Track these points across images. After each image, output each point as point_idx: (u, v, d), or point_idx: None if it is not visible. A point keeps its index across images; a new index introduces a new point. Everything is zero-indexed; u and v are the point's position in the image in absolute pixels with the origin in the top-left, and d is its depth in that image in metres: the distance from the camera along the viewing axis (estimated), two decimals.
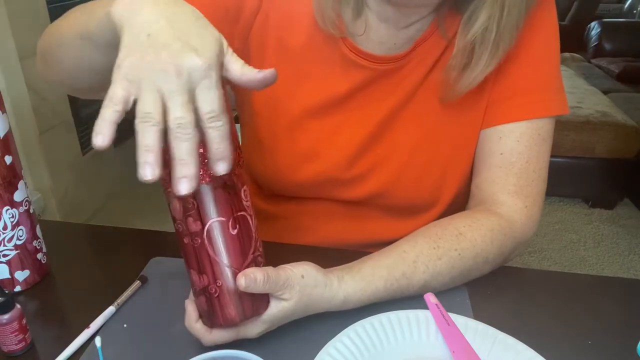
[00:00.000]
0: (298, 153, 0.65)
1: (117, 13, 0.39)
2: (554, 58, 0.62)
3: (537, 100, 0.60)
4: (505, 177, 0.60)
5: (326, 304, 0.49)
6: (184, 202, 0.41)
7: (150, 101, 0.35)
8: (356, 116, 0.63)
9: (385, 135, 0.64)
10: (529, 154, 0.60)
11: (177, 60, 0.35)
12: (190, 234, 0.42)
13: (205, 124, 0.36)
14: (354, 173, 0.65)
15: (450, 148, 0.64)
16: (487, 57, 0.55)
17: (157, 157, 0.34)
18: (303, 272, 0.47)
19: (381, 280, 0.51)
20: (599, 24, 3.65)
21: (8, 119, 0.54)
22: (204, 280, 0.43)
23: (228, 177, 0.41)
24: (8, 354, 0.49)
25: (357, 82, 0.62)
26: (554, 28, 0.62)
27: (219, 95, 0.37)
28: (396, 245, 0.55)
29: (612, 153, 2.24)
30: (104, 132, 0.34)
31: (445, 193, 0.66)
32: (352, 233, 0.70)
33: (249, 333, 0.47)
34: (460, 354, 0.46)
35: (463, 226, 0.56)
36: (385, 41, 0.61)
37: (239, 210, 0.43)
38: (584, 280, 0.62)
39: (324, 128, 0.64)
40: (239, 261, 0.43)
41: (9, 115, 0.56)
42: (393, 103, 0.62)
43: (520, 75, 0.60)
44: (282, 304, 0.46)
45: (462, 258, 0.54)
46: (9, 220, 0.55)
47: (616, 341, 0.51)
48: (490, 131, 0.62)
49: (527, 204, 0.60)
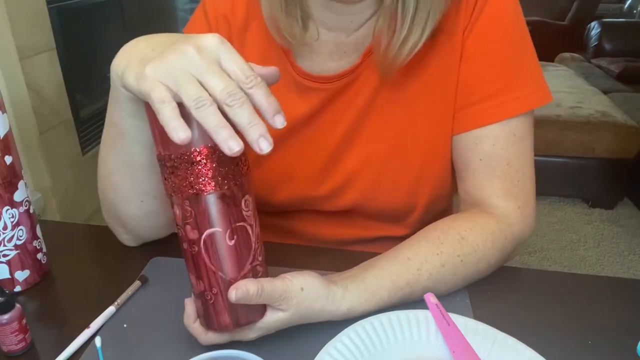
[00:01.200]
0: (271, 178, 0.67)
1: (115, 71, 0.42)
2: (519, 52, 0.59)
3: (505, 101, 0.58)
4: (489, 181, 0.59)
5: (328, 315, 0.48)
6: (182, 209, 0.41)
7: (192, 87, 0.36)
8: (319, 134, 0.65)
9: (352, 148, 0.64)
10: (508, 156, 0.59)
11: (190, 41, 0.37)
12: (188, 241, 0.42)
13: (245, 88, 0.37)
14: (328, 188, 0.67)
15: (421, 155, 0.63)
16: (418, 23, 0.54)
17: (231, 129, 0.35)
18: (303, 285, 0.46)
19: (385, 290, 0.51)
20: (599, 24, 3.65)
21: (8, 119, 0.54)
22: (200, 286, 0.43)
23: (227, 188, 0.41)
24: (8, 354, 0.49)
25: (314, 104, 0.63)
26: (513, 20, 0.59)
27: (242, 59, 0.38)
28: (399, 250, 0.54)
29: (612, 153, 2.24)
30: (182, 127, 0.35)
31: (422, 199, 0.66)
32: (340, 235, 0.71)
33: (245, 337, 0.47)
34: (460, 354, 0.46)
35: (464, 230, 0.56)
36: (335, 51, 0.62)
37: (238, 220, 0.42)
38: (584, 280, 0.62)
39: (291, 151, 0.66)
40: (235, 271, 0.43)
41: (9, 115, 0.56)
42: (352, 116, 0.63)
43: (483, 78, 0.59)
44: (278, 314, 0.46)
45: (464, 264, 0.54)
46: (9, 220, 0.55)
47: (616, 341, 0.51)
48: (464, 137, 0.61)
49: (519, 205, 0.59)
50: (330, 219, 0.70)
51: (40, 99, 1.62)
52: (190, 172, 0.40)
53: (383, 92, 0.62)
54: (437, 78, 0.61)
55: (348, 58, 0.61)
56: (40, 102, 1.62)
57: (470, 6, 0.58)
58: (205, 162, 0.39)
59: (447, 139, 0.63)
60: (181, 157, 0.39)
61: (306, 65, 0.63)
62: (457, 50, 0.59)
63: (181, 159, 0.40)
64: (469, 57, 0.59)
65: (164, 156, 0.41)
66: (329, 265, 0.54)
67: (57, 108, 1.71)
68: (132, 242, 0.65)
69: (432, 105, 0.61)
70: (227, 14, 0.64)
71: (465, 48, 0.59)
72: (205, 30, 0.65)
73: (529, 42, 0.60)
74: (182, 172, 0.40)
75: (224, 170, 0.40)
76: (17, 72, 1.53)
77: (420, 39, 0.55)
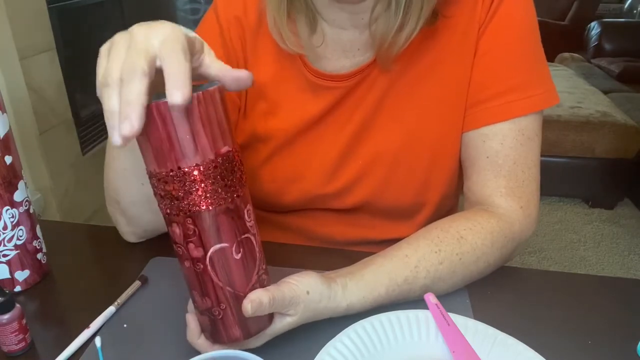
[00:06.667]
0: (281, 178, 0.67)
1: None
2: (531, 52, 0.60)
3: (516, 99, 0.58)
4: (494, 180, 0.60)
5: (329, 313, 0.48)
6: (184, 228, 0.39)
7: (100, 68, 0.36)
8: (330, 133, 0.65)
9: (363, 145, 0.64)
10: (515, 155, 0.59)
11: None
12: (191, 259, 0.40)
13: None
14: (337, 186, 0.66)
15: (431, 152, 0.63)
16: (414, 11, 0.54)
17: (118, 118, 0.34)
18: (308, 288, 0.46)
19: (383, 287, 0.51)
20: (599, 24, 3.65)
21: (8, 119, 0.54)
22: (207, 303, 0.42)
23: (231, 201, 0.39)
24: (8, 354, 0.49)
25: (327, 103, 0.63)
26: (528, 19, 0.60)
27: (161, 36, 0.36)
28: (398, 247, 0.54)
29: (612, 153, 2.24)
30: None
31: (431, 197, 0.66)
32: (347, 235, 0.71)
33: (252, 345, 0.46)
34: (460, 354, 0.45)
35: (464, 229, 0.56)
36: (348, 48, 0.62)
37: (243, 233, 0.41)
38: (584, 280, 0.62)
39: (302, 150, 0.66)
40: (244, 284, 0.42)
41: (9, 115, 0.56)
42: (364, 113, 0.63)
43: (496, 75, 0.59)
44: (286, 319, 0.46)
45: (463, 263, 0.54)
46: (9, 220, 0.55)
47: (616, 341, 0.51)
48: (473, 134, 0.61)
49: (522, 204, 0.59)
50: (338, 218, 0.70)
51: (40, 99, 1.62)
52: (190, 189, 0.38)
53: (394, 89, 0.62)
54: (449, 76, 0.61)
55: (362, 55, 0.62)
56: (40, 102, 1.62)
57: (487, 4, 0.59)
58: (206, 178, 0.38)
59: (457, 136, 0.63)
60: (178, 175, 0.38)
61: (320, 64, 0.63)
62: (471, 47, 0.60)
63: (178, 177, 0.38)
64: (483, 54, 0.60)
65: (158, 174, 0.38)
66: (330, 266, 0.54)
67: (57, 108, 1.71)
68: (133, 237, 0.65)
69: (443, 102, 0.62)
70: (240, 16, 0.64)
71: (479, 45, 0.60)
72: (217, 31, 0.65)
73: (540, 44, 0.61)
74: (180, 190, 0.38)
75: (226, 183, 0.39)
76: (17, 72, 1.53)
77: (415, 27, 0.55)
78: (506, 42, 0.59)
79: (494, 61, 0.59)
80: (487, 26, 0.59)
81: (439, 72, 0.61)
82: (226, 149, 0.39)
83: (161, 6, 2.64)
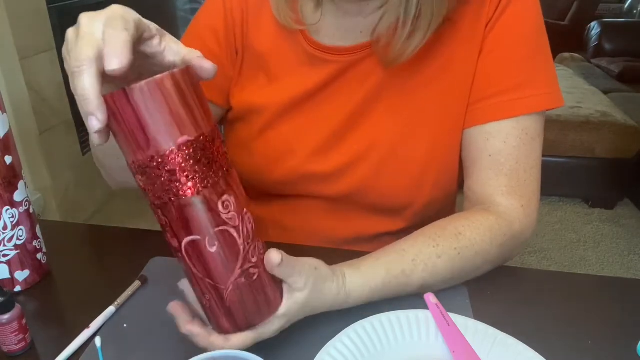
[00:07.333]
0: (272, 151, 0.67)
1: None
2: (538, 52, 0.60)
3: (521, 97, 0.58)
4: (496, 178, 0.60)
5: (332, 299, 0.48)
6: (158, 218, 0.39)
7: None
8: (326, 109, 0.64)
9: (360, 129, 0.64)
10: (518, 154, 0.59)
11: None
12: (173, 248, 0.41)
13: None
14: (329, 167, 0.66)
15: (430, 146, 0.63)
16: (423, 22, 0.54)
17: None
18: (316, 264, 0.47)
19: (380, 277, 0.51)
20: (599, 24, 3.65)
21: (8, 119, 0.54)
22: (197, 292, 0.43)
23: (198, 193, 0.38)
24: (8, 354, 0.49)
25: (324, 76, 0.63)
26: (535, 20, 0.60)
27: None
28: (396, 243, 0.55)
29: (612, 153, 2.24)
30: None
31: (423, 193, 0.65)
32: (337, 230, 0.71)
33: (267, 332, 0.45)
34: (460, 354, 0.46)
35: (462, 226, 0.56)
36: (351, 29, 0.62)
37: (217, 225, 0.39)
38: (584, 280, 0.62)
39: (295, 124, 0.66)
40: (224, 277, 0.40)
41: (9, 115, 0.56)
42: (361, 97, 0.63)
43: (501, 72, 0.59)
44: (295, 295, 0.45)
45: (461, 257, 0.54)
46: (9, 220, 0.55)
47: (616, 341, 0.51)
48: (476, 131, 0.61)
49: (523, 204, 0.59)
50: (327, 210, 0.69)
51: (40, 99, 1.62)
52: (155, 180, 0.37)
53: (394, 79, 0.62)
54: (452, 71, 0.61)
55: (365, 38, 0.61)
56: (40, 102, 1.62)
57: (495, 3, 0.59)
58: (168, 168, 0.36)
59: (458, 132, 0.63)
60: (142, 165, 0.37)
61: (320, 39, 0.63)
62: (477, 44, 0.60)
63: (142, 168, 0.37)
64: (489, 51, 0.59)
65: (130, 164, 0.38)
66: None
67: (57, 108, 1.71)
68: (113, 185, 0.66)
69: (443, 97, 0.61)
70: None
71: (486, 42, 0.60)
72: (221, 9, 0.65)
73: (547, 45, 0.61)
74: (149, 180, 0.37)
75: (190, 174, 0.37)
76: (17, 72, 1.53)
77: (424, 37, 0.55)
78: (513, 41, 0.59)
79: (500, 59, 0.59)
80: (494, 25, 0.59)
81: (442, 68, 0.61)
82: (185, 139, 0.37)
83: (161, 6, 2.64)
